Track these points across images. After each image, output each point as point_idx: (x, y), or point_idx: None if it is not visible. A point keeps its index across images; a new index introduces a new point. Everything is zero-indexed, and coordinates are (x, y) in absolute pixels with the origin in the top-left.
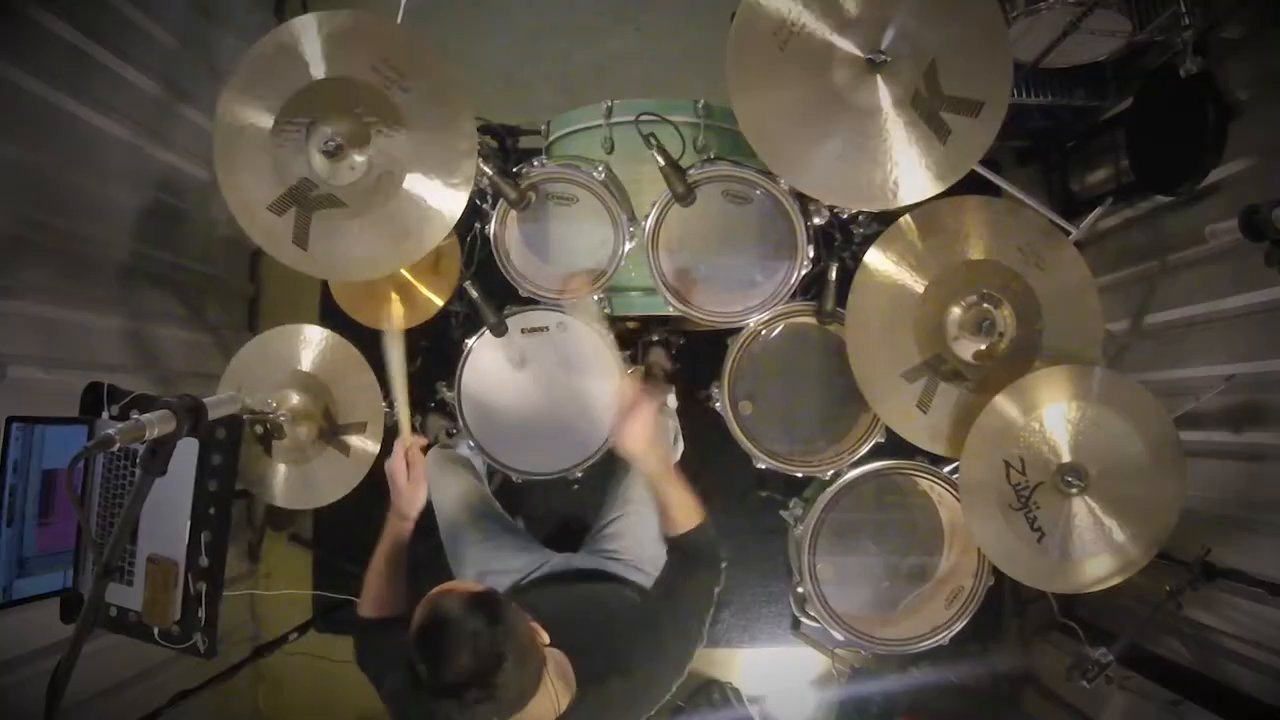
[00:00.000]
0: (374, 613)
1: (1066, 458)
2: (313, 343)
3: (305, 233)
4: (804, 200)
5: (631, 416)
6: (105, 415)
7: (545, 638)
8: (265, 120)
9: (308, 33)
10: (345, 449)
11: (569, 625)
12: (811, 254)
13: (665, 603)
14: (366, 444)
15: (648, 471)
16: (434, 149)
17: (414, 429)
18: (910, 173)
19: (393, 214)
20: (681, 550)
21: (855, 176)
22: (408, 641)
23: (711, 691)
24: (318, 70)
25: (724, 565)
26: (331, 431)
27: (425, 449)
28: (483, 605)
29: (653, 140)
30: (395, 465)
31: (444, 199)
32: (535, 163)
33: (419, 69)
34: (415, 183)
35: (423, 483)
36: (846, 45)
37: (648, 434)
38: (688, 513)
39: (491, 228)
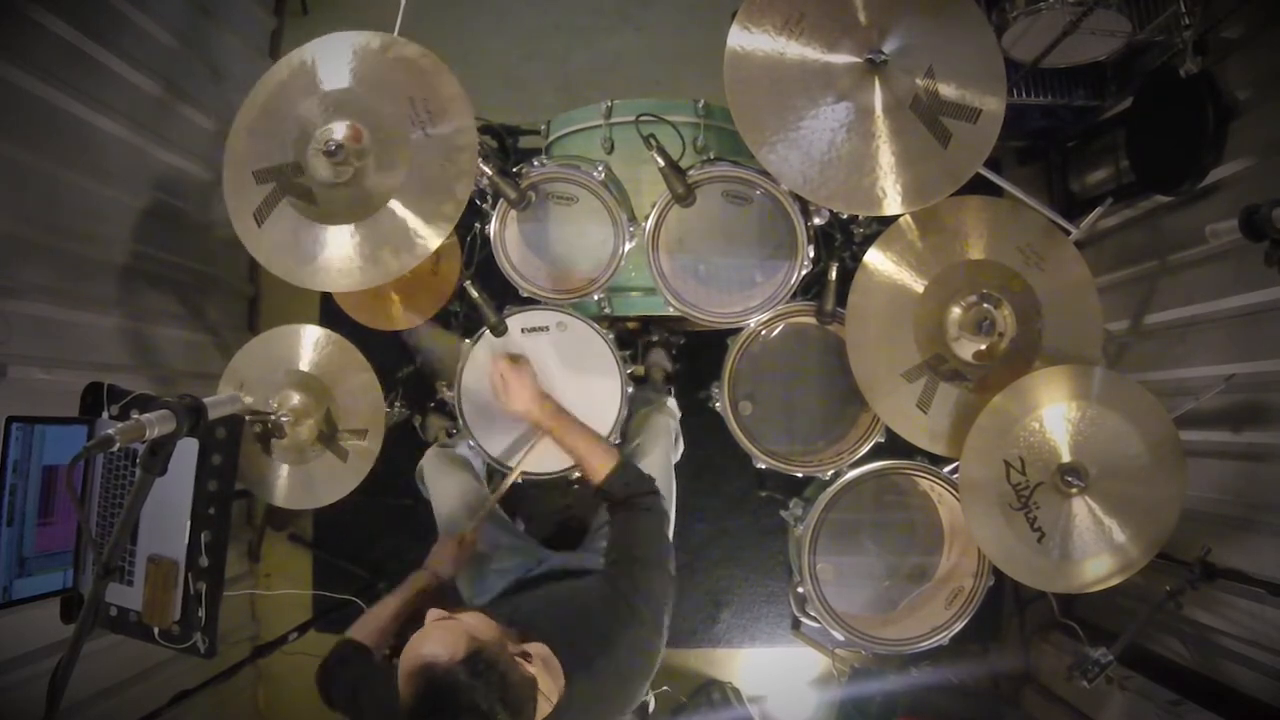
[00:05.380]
0: (363, 639)
1: (1066, 458)
2: (313, 343)
3: (268, 211)
4: (804, 200)
5: (507, 386)
6: (105, 415)
7: (531, 671)
8: (307, 94)
9: (372, 46)
10: (343, 455)
11: (554, 621)
12: (811, 254)
13: (624, 566)
14: (365, 448)
15: (544, 425)
16: (420, 198)
17: (428, 437)
18: (913, 176)
19: (349, 237)
20: (614, 500)
21: (856, 181)
22: (401, 712)
23: (711, 691)
24: (354, 79)
25: (662, 497)
26: (331, 436)
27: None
28: (477, 669)
29: (652, 141)
30: (446, 546)
31: (406, 247)
32: (535, 163)
33: (449, 121)
34: (386, 218)
35: (467, 565)
36: (846, 49)
37: (526, 391)
38: (602, 455)
39: (491, 227)
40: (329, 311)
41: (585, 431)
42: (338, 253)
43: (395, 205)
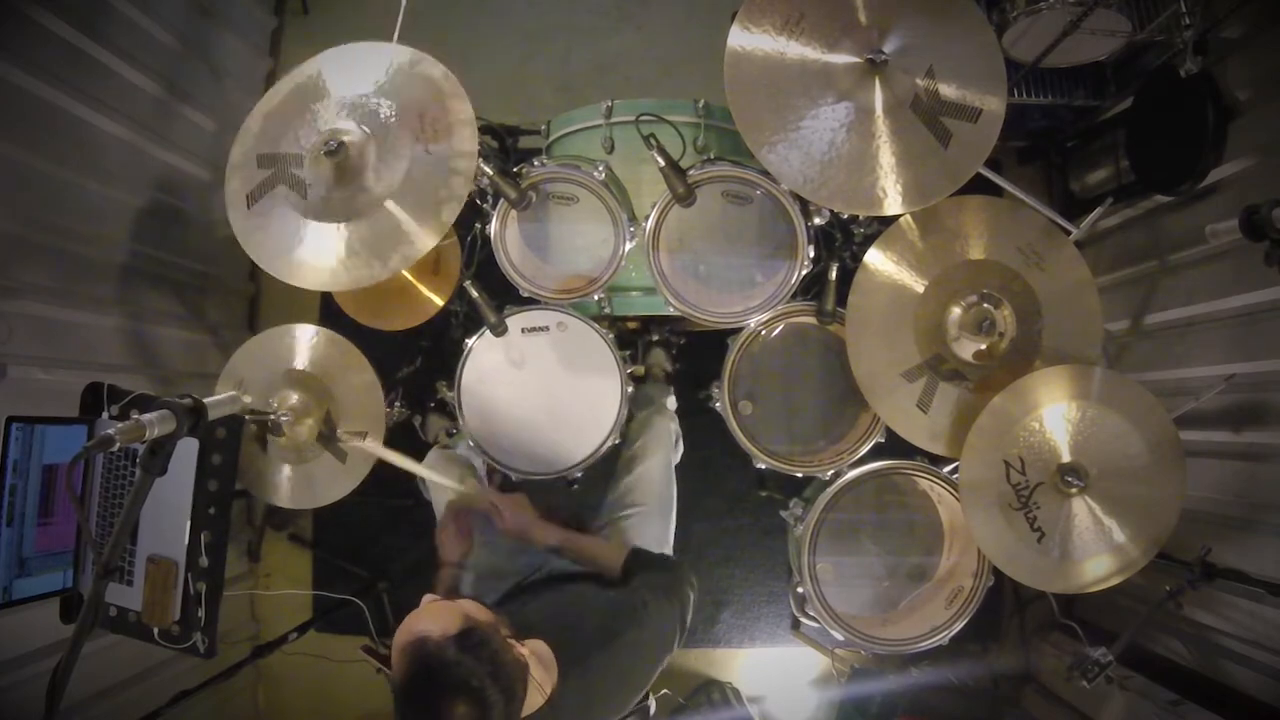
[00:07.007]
0: None
1: (1066, 458)
2: (312, 342)
3: (260, 195)
4: (804, 200)
5: (503, 516)
6: (105, 415)
7: (524, 652)
8: (324, 87)
9: (397, 58)
10: (342, 456)
11: (554, 620)
12: (812, 254)
13: (639, 579)
14: (364, 449)
15: (550, 543)
16: (407, 213)
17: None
18: (913, 176)
19: (336, 236)
20: (633, 573)
21: (856, 181)
22: (394, 689)
23: (711, 691)
24: (374, 88)
25: (680, 563)
26: (330, 437)
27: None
28: (468, 645)
29: (653, 140)
30: (446, 535)
31: (384, 257)
32: (535, 162)
33: (453, 145)
34: (372, 225)
35: (470, 536)
36: (847, 49)
37: (524, 515)
38: (613, 552)
39: (491, 228)
40: (329, 311)
41: (590, 540)
42: (321, 248)
43: (381, 214)
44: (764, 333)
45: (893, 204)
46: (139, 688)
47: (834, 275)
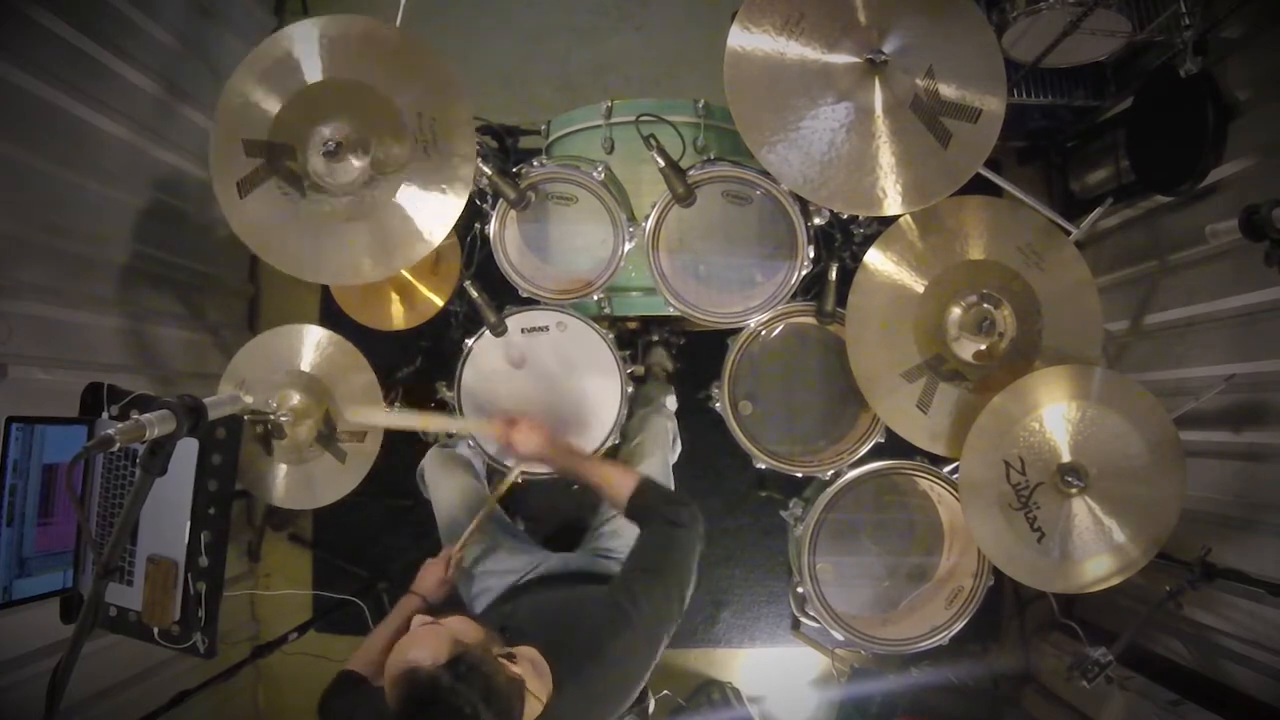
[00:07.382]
0: (362, 670)
1: (1066, 458)
2: (313, 343)
3: (252, 185)
4: (804, 200)
5: (515, 434)
6: (105, 415)
7: (517, 671)
8: (309, 76)
9: (391, 40)
10: (342, 456)
11: (547, 626)
12: (812, 254)
13: (629, 575)
14: (364, 450)
15: (560, 467)
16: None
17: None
18: (912, 176)
19: (321, 230)
20: (642, 518)
21: (856, 181)
22: (388, 716)
23: (711, 691)
24: (369, 77)
25: (693, 510)
26: (330, 438)
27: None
28: (459, 672)
29: (653, 141)
30: (434, 569)
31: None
32: (535, 163)
33: (452, 141)
34: (361, 230)
35: (448, 585)
36: (846, 49)
37: (535, 438)
38: (621, 481)
39: (491, 228)
40: (329, 311)
41: (601, 462)
42: (324, 245)
43: (386, 213)
44: (764, 333)
45: (892, 204)
46: (139, 688)
47: (834, 275)
